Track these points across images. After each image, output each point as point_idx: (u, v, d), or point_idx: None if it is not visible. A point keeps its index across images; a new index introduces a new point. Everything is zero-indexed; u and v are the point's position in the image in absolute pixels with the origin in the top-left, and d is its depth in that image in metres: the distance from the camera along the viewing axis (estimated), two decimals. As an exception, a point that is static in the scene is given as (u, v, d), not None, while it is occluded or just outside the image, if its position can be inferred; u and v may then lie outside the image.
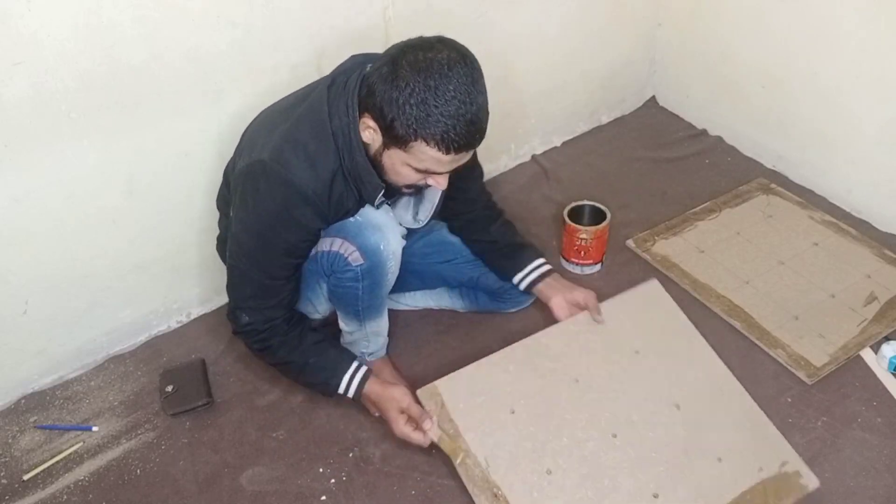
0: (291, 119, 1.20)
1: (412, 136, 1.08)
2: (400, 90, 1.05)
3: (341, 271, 1.28)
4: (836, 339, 1.53)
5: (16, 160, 1.30)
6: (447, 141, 1.08)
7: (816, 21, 1.78)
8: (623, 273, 1.74)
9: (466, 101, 1.07)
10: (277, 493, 1.34)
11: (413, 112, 1.06)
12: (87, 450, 1.43)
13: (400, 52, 1.08)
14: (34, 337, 1.50)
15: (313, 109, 1.19)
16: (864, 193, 1.84)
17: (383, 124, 1.10)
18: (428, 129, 1.07)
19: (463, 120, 1.07)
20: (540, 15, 1.90)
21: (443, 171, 1.17)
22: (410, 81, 1.05)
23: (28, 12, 1.19)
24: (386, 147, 1.14)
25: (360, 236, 1.25)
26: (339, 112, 1.16)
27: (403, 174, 1.17)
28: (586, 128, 2.24)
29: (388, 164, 1.17)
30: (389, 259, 1.29)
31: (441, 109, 1.05)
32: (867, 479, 1.30)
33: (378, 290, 1.34)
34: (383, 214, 1.29)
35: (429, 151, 1.10)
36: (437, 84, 1.05)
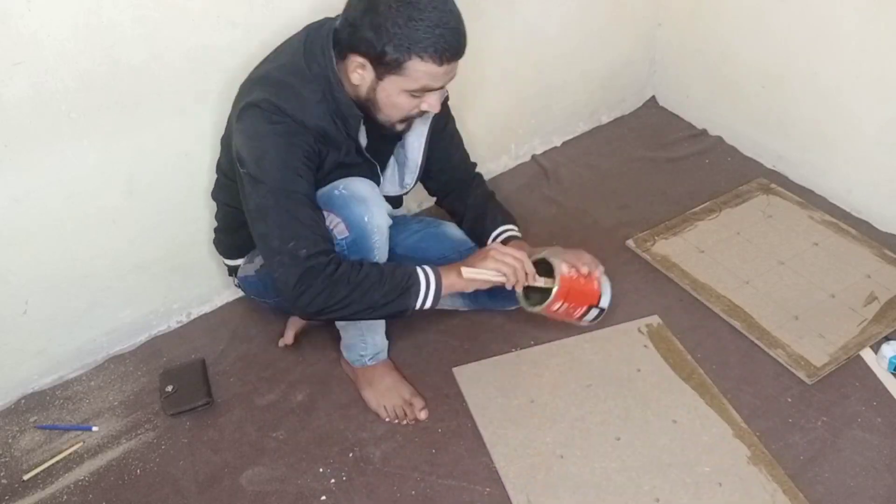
0: (269, 68, 1.24)
1: (405, 56, 1.13)
2: (383, 15, 1.10)
3: None
4: (836, 339, 1.53)
5: (16, 160, 1.30)
6: (439, 50, 1.13)
7: (816, 21, 1.78)
8: (623, 273, 1.74)
9: (445, 9, 1.13)
10: (277, 493, 1.34)
11: (401, 31, 1.11)
12: (87, 450, 1.43)
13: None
14: (34, 337, 1.51)
15: (290, 58, 1.23)
16: (864, 193, 1.84)
17: (374, 53, 1.14)
18: (419, 42, 1.11)
19: (448, 27, 1.13)
20: (540, 15, 1.90)
21: (437, 85, 1.20)
22: (391, 4, 1.10)
23: (28, 12, 1.19)
24: (379, 79, 1.18)
25: (345, 208, 1.26)
26: (316, 58, 1.21)
27: (399, 103, 1.21)
28: (586, 128, 2.24)
29: (382, 97, 1.20)
30: (374, 232, 1.28)
31: (426, 22, 1.11)
32: (867, 479, 1.30)
33: (364, 259, 1.33)
34: (368, 187, 1.29)
35: (422, 67, 1.14)
36: (416, 1, 1.10)
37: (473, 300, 1.61)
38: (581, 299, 1.32)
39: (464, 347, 1.58)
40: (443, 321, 1.63)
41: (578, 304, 1.32)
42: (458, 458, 1.37)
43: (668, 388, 1.46)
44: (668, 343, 1.55)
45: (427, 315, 1.64)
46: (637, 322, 1.60)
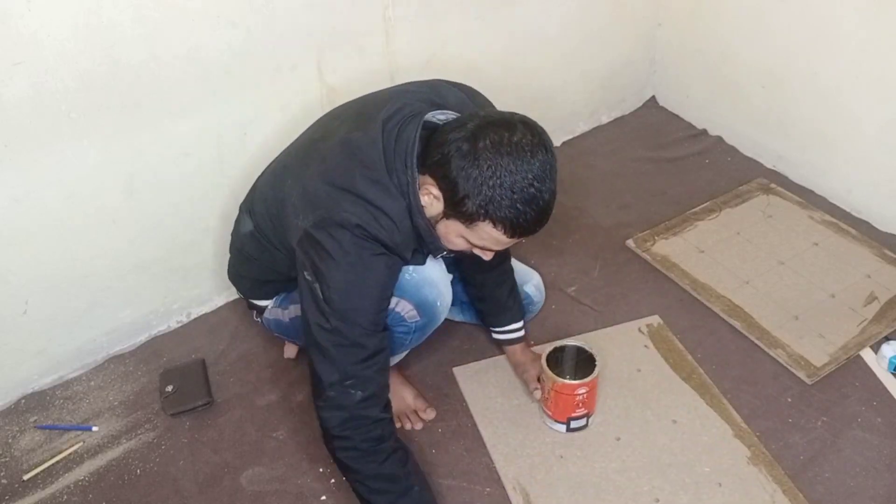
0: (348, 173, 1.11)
1: (481, 216, 1.05)
2: (480, 170, 1.02)
3: (394, 325, 1.26)
4: (836, 339, 1.53)
5: (16, 160, 1.30)
6: (515, 226, 1.05)
7: (816, 21, 1.78)
8: (623, 273, 1.74)
9: (543, 188, 1.04)
10: (277, 493, 1.34)
11: (490, 193, 1.02)
12: (87, 450, 1.43)
13: (481, 129, 1.04)
14: (34, 337, 1.50)
15: (370, 164, 1.11)
16: (864, 193, 1.84)
17: (452, 198, 1.06)
18: (500, 212, 1.03)
19: (536, 207, 1.04)
20: (540, 15, 1.90)
21: (498, 249, 1.14)
22: (493, 164, 1.01)
23: (28, 12, 1.19)
24: (446, 217, 1.10)
25: (418, 294, 1.24)
26: (397, 169, 1.10)
27: (456, 244, 1.14)
28: (586, 128, 2.24)
29: (442, 231, 1.13)
30: (443, 312, 1.29)
31: (518, 195, 1.02)
32: (867, 479, 1.30)
33: (423, 338, 1.35)
34: (437, 268, 1.27)
35: (493, 232, 1.07)
36: (518, 169, 1.02)
37: (473, 317, 1.60)
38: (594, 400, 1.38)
39: (463, 347, 1.58)
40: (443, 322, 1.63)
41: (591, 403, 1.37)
42: (458, 458, 1.37)
43: (669, 388, 1.46)
44: (668, 343, 1.55)
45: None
46: (637, 322, 1.60)
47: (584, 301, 1.67)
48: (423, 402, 1.45)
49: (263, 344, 1.61)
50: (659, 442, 1.36)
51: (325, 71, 1.57)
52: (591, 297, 1.68)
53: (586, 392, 1.32)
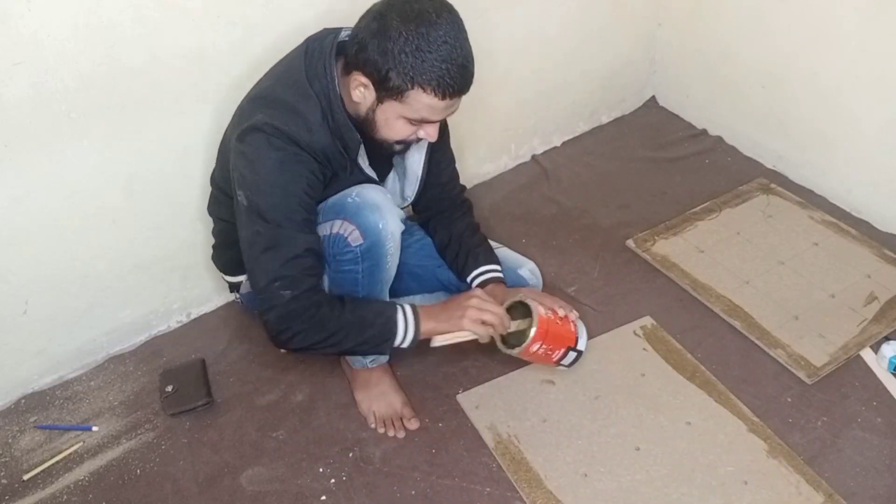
0: (270, 85, 1.22)
1: (409, 85, 1.11)
2: (393, 40, 1.08)
3: (341, 253, 1.27)
4: (836, 339, 1.53)
5: (16, 160, 1.30)
6: (443, 85, 1.11)
7: (816, 21, 1.78)
8: (623, 273, 1.74)
9: (457, 45, 1.10)
10: (277, 493, 1.34)
11: (408, 60, 1.08)
12: (87, 450, 1.43)
13: (386, 7, 1.10)
14: (34, 337, 1.51)
15: (291, 74, 1.21)
16: (864, 193, 1.84)
17: (378, 77, 1.12)
18: (424, 74, 1.09)
19: (456, 63, 1.10)
20: (540, 15, 1.90)
21: (436, 118, 1.18)
22: (402, 31, 1.08)
23: (28, 12, 1.19)
24: (380, 101, 1.16)
25: (359, 216, 1.25)
26: (317, 74, 1.18)
27: (397, 128, 1.19)
28: (586, 128, 2.24)
29: (381, 119, 1.19)
30: (388, 239, 1.28)
31: (435, 55, 1.08)
32: (867, 479, 1.30)
33: (378, 272, 1.33)
34: (381, 194, 1.28)
35: (424, 99, 1.12)
36: (428, 31, 1.08)
37: None
38: (559, 341, 1.33)
39: (464, 347, 1.57)
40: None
41: (556, 346, 1.33)
42: (458, 458, 1.37)
43: (675, 389, 1.45)
44: (665, 344, 1.55)
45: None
46: (631, 325, 1.60)
47: (584, 301, 1.67)
48: (409, 411, 1.45)
49: (263, 344, 1.61)
50: (678, 447, 1.35)
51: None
52: (591, 297, 1.68)
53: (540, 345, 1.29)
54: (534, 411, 1.44)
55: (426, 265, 1.55)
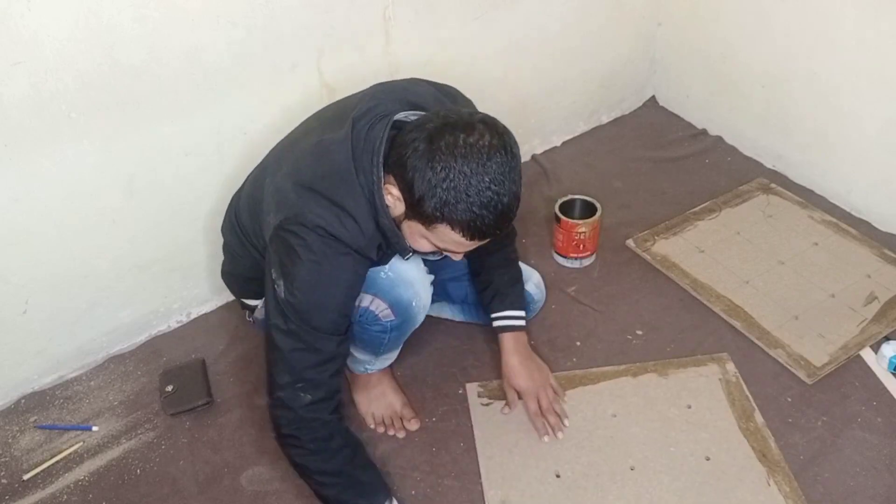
0: (316, 169, 1.13)
1: (438, 219, 1.04)
2: (435, 172, 1.00)
3: (369, 324, 1.25)
4: (836, 338, 1.53)
5: (16, 160, 1.30)
6: (473, 229, 1.04)
7: (816, 21, 1.78)
8: (623, 273, 1.74)
9: (501, 191, 1.02)
10: (277, 493, 1.34)
11: (444, 196, 1.01)
12: (87, 450, 1.43)
13: (438, 130, 1.01)
14: (34, 337, 1.50)
15: (338, 161, 1.11)
16: (864, 193, 1.84)
17: (410, 199, 1.05)
18: (456, 215, 1.02)
19: (494, 211, 1.02)
20: (540, 14, 1.90)
21: (462, 251, 1.13)
22: (447, 166, 0.99)
23: (28, 12, 1.19)
24: (407, 218, 1.09)
25: (391, 293, 1.23)
26: (363, 168, 1.10)
27: (420, 244, 1.14)
28: (586, 128, 2.24)
29: (406, 232, 1.13)
30: (420, 313, 1.28)
31: (473, 199, 1.00)
32: (867, 479, 1.30)
33: (403, 338, 1.34)
34: (414, 268, 1.26)
35: (451, 235, 1.06)
36: (474, 172, 0.99)
37: (473, 316, 1.60)
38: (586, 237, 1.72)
39: (463, 347, 1.58)
40: (443, 322, 1.63)
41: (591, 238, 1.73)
42: (457, 458, 1.37)
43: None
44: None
45: (427, 316, 1.64)
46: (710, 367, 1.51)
47: (584, 301, 1.67)
48: (409, 412, 1.44)
49: (263, 344, 1.61)
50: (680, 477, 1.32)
51: (324, 71, 1.57)
52: (591, 297, 1.68)
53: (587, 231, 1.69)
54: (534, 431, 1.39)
55: (436, 278, 1.54)
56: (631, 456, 1.35)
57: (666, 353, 1.54)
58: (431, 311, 1.62)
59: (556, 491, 1.30)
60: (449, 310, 1.62)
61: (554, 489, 1.30)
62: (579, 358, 1.54)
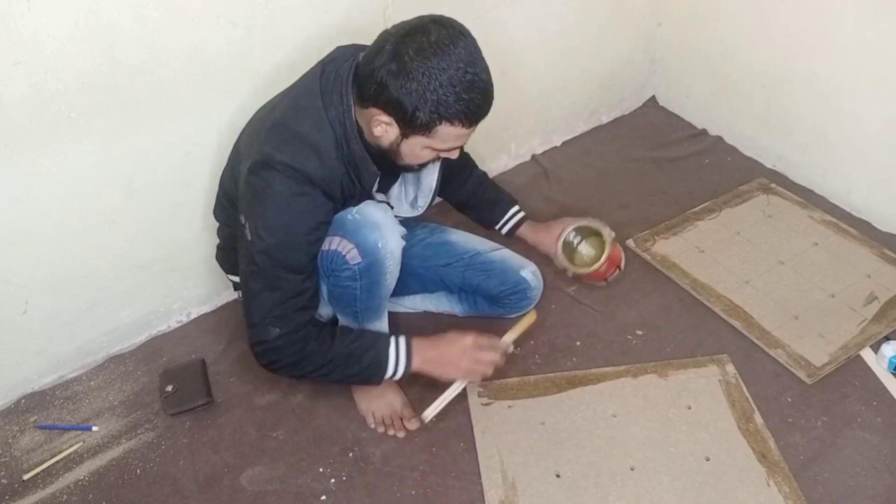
0: (284, 110, 1.21)
1: (436, 121, 1.11)
2: (417, 81, 1.07)
3: (339, 270, 1.27)
4: (836, 338, 1.53)
5: (16, 160, 1.30)
6: (469, 114, 1.12)
7: (816, 21, 1.78)
8: (623, 273, 1.74)
9: (476, 70, 1.11)
10: (277, 493, 1.34)
11: (434, 97, 1.08)
12: (87, 450, 1.43)
13: (400, 43, 1.08)
14: (34, 337, 1.51)
15: (308, 100, 1.20)
16: (864, 193, 1.84)
17: (403, 117, 1.11)
18: (451, 109, 1.10)
19: (478, 90, 1.11)
20: (540, 14, 1.90)
21: (462, 143, 1.20)
22: (424, 71, 1.07)
23: (28, 12, 1.19)
24: (405, 137, 1.16)
25: (358, 234, 1.25)
26: (333, 102, 1.18)
27: (422, 156, 1.21)
28: (586, 128, 2.24)
29: (405, 151, 1.19)
30: (387, 258, 1.28)
31: (458, 87, 1.08)
32: (867, 479, 1.30)
33: (376, 289, 1.33)
34: (382, 212, 1.28)
35: (453, 131, 1.13)
36: (449, 65, 1.07)
37: (472, 306, 1.60)
38: (616, 260, 1.61)
39: (464, 347, 1.58)
40: (442, 320, 1.63)
41: (613, 265, 1.60)
42: (457, 458, 1.37)
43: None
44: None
45: (427, 315, 1.64)
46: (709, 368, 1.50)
47: (584, 301, 1.67)
48: (409, 411, 1.44)
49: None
50: None
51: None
52: (591, 297, 1.68)
53: (607, 266, 1.58)
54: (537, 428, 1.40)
55: (429, 265, 1.55)
56: (631, 456, 1.35)
57: (666, 353, 1.54)
58: (430, 304, 1.63)
59: (555, 491, 1.30)
60: (447, 300, 1.62)
61: (554, 489, 1.30)
62: (579, 358, 1.54)
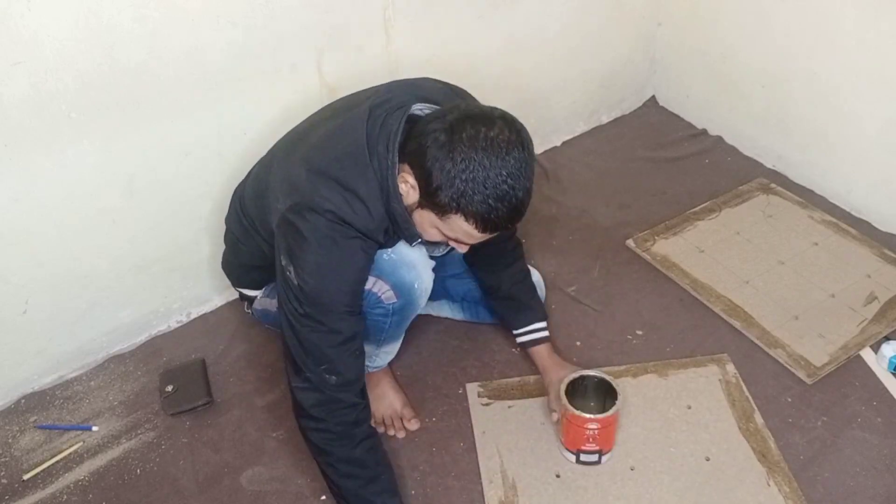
0: (329, 154, 1.15)
1: (453, 209, 1.06)
2: (454, 163, 1.02)
3: (371, 307, 1.25)
4: (836, 338, 1.53)
5: (16, 160, 1.30)
6: (486, 222, 1.06)
7: (816, 21, 1.78)
8: (623, 273, 1.74)
9: (516, 186, 1.04)
10: (277, 493, 1.34)
11: (462, 187, 1.03)
12: (87, 450, 1.43)
13: (459, 122, 1.04)
14: (34, 337, 1.50)
15: (353, 146, 1.13)
16: (864, 193, 1.84)
17: (426, 188, 1.07)
18: (471, 206, 1.04)
19: (508, 204, 1.05)
20: (540, 14, 1.90)
21: (469, 243, 1.15)
22: (466, 157, 1.02)
23: (28, 12, 1.19)
24: (420, 206, 1.11)
25: (394, 275, 1.23)
26: (378, 153, 1.11)
27: (430, 234, 1.15)
28: (586, 128, 2.24)
29: (417, 220, 1.14)
30: (421, 296, 1.28)
31: (490, 191, 1.03)
32: (867, 479, 1.30)
33: (405, 323, 1.34)
34: (417, 251, 1.26)
35: (464, 226, 1.08)
36: (493, 165, 1.02)
37: (473, 314, 1.60)
38: (610, 438, 1.32)
39: (464, 347, 1.58)
40: (443, 321, 1.63)
41: (606, 440, 1.30)
42: (457, 458, 1.37)
43: None
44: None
45: (427, 315, 1.64)
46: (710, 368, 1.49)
47: (584, 301, 1.67)
48: (409, 412, 1.44)
49: (263, 344, 1.61)
50: None
51: (325, 71, 1.57)
52: (591, 297, 1.68)
53: (598, 428, 1.26)
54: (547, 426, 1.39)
55: (435, 277, 1.54)
56: (631, 456, 1.35)
57: (666, 353, 1.54)
58: (432, 309, 1.63)
59: (555, 491, 1.30)
60: (449, 308, 1.62)
61: (554, 489, 1.30)
62: (579, 358, 1.54)
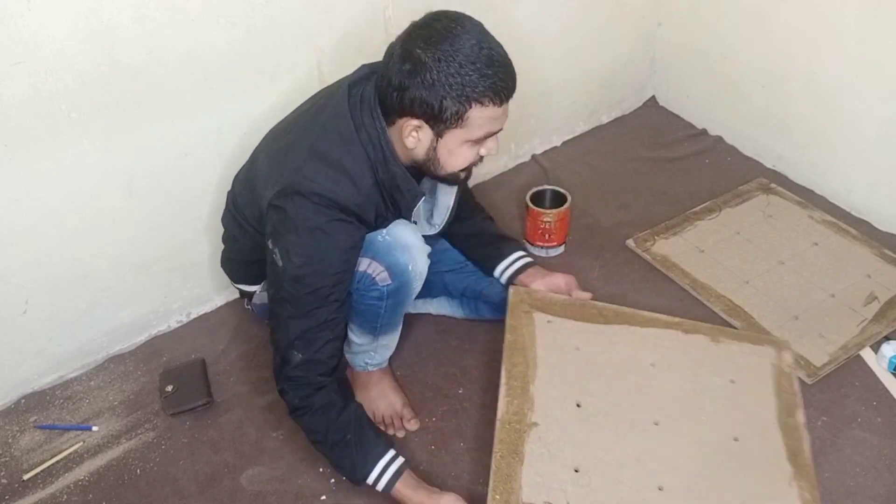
0: (314, 134, 1.18)
1: (466, 106, 1.09)
2: (432, 70, 1.06)
3: (366, 290, 1.26)
4: (836, 338, 1.53)
5: (16, 160, 1.30)
6: (497, 90, 1.09)
7: (816, 21, 1.78)
8: (623, 273, 1.74)
9: (490, 45, 1.08)
10: (277, 493, 1.34)
11: (456, 81, 1.06)
12: (87, 450, 1.43)
13: (407, 42, 1.08)
14: (34, 337, 1.51)
15: (337, 123, 1.16)
16: (864, 193, 1.84)
17: (431, 112, 1.10)
18: (476, 88, 1.07)
19: (498, 64, 1.08)
20: (540, 14, 1.90)
21: (498, 128, 1.17)
22: (436, 56, 1.06)
23: (28, 12, 1.19)
24: (439, 136, 1.14)
25: (389, 256, 1.23)
26: (364, 124, 1.15)
27: (463, 155, 1.17)
28: (586, 128, 2.24)
29: (444, 153, 1.16)
30: (416, 279, 1.28)
31: (477, 64, 1.06)
32: (867, 479, 1.31)
33: (400, 308, 1.34)
34: (411, 233, 1.27)
35: (484, 112, 1.10)
36: (460, 45, 1.06)
37: (474, 311, 1.60)
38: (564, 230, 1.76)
39: (464, 347, 1.58)
40: (443, 321, 1.63)
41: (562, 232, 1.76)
42: (458, 458, 1.37)
43: None
44: None
45: (427, 315, 1.64)
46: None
47: (584, 301, 1.67)
48: (409, 412, 1.44)
49: (263, 344, 1.61)
50: None
51: (325, 71, 1.57)
52: (591, 297, 1.68)
53: (552, 220, 1.71)
54: None
55: (434, 271, 1.53)
56: (659, 410, 1.26)
57: (666, 353, 1.54)
58: (431, 308, 1.63)
59: (571, 418, 1.22)
60: (448, 305, 1.62)
61: (570, 416, 1.22)
62: (579, 358, 1.54)
